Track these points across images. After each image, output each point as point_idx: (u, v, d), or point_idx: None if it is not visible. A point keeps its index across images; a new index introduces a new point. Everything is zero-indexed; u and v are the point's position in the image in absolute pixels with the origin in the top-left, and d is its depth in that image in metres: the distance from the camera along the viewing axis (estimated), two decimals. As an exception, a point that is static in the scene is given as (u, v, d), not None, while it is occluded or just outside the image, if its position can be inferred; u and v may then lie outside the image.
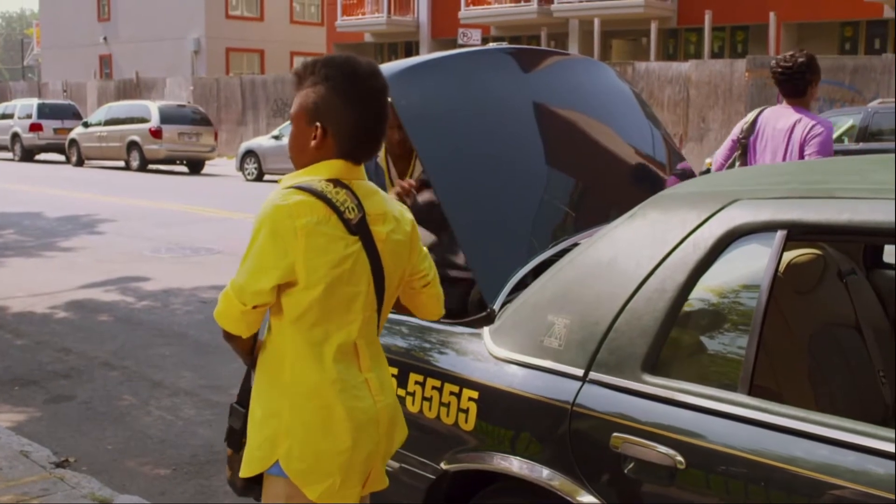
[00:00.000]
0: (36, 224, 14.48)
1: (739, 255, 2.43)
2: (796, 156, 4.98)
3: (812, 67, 5.10)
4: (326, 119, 2.29)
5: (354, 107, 2.29)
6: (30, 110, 30.45)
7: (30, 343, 7.28)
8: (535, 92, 3.73)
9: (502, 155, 3.40)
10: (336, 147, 2.32)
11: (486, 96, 3.52)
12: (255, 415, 2.36)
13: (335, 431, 2.29)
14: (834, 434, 2.07)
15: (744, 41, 28.00)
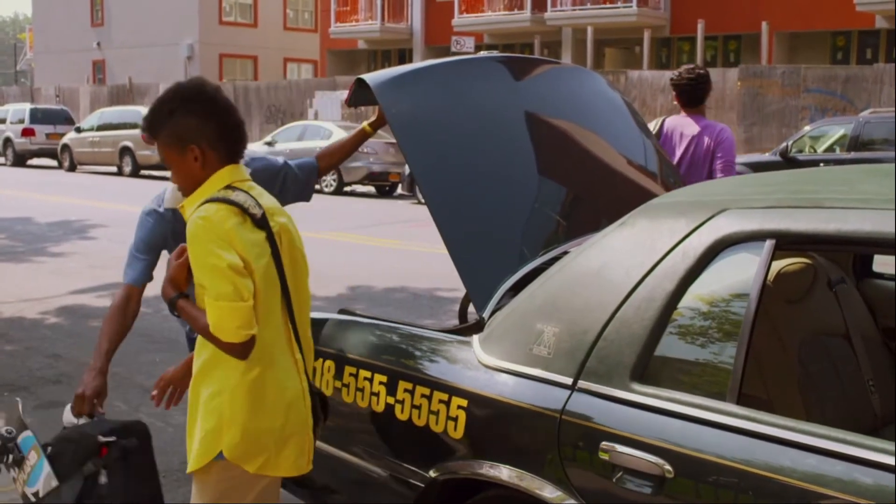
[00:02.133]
0: (27, 229, 14.44)
1: (728, 264, 2.43)
2: (709, 158, 5.52)
3: (709, 81, 5.77)
4: (196, 139, 2.57)
5: (211, 118, 2.59)
6: (22, 115, 30.39)
7: (20, 349, 7.25)
8: (525, 100, 3.73)
9: (492, 163, 3.41)
10: (217, 157, 2.60)
11: (477, 104, 3.53)
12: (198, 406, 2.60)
13: (269, 414, 2.56)
14: (823, 444, 2.07)
15: (736, 50, 28.11)
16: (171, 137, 2.59)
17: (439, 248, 3.24)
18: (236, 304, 2.42)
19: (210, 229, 2.46)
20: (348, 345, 3.21)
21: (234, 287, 2.42)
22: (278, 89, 29.99)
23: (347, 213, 16.97)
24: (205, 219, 2.47)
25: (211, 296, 2.44)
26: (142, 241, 3.50)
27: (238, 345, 2.45)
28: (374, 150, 20.55)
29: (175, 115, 2.58)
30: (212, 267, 2.44)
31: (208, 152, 2.59)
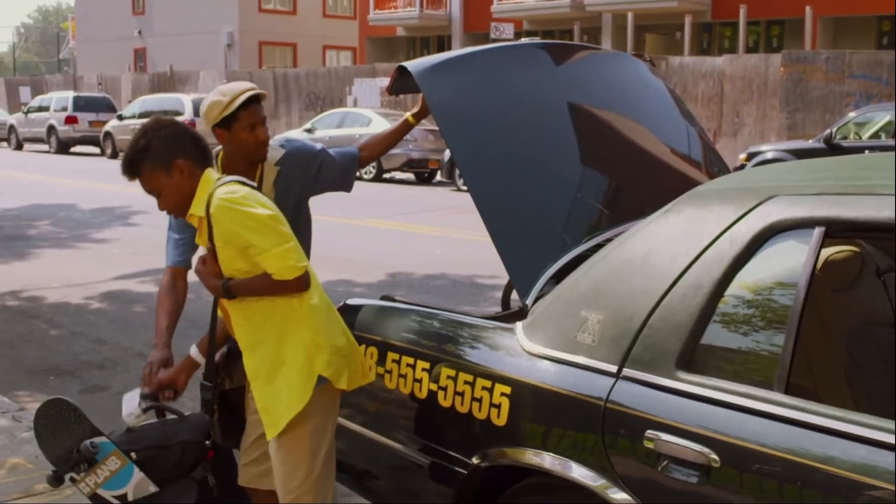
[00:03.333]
0: (71, 216, 14.63)
1: (776, 251, 2.40)
2: None
3: None
4: (176, 155, 2.90)
5: (177, 136, 2.96)
6: (65, 103, 30.75)
7: (65, 333, 7.36)
8: (567, 88, 3.70)
9: (534, 151, 3.39)
10: (195, 165, 2.93)
11: (519, 91, 3.50)
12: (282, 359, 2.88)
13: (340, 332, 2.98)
14: (873, 434, 2.04)
15: (779, 35, 27.75)
16: (155, 164, 2.90)
17: (478, 235, 3.24)
18: (286, 245, 2.79)
19: (234, 200, 2.81)
20: (391, 331, 3.22)
21: (277, 232, 2.80)
22: (317, 77, 30.07)
23: (387, 201, 17.00)
24: (228, 192, 2.84)
25: (263, 249, 2.78)
26: (174, 220, 3.57)
27: (301, 277, 2.82)
28: (414, 136, 20.55)
29: (151, 145, 2.91)
30: (254, 223, 2.79)
31: (189, 163, 2.92)
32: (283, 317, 2.88)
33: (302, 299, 2.87)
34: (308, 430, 2.88)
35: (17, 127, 32.82)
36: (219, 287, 2.91)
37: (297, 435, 2.88)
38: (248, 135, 3.41)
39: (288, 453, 2.89)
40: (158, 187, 2.94)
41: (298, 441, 2.88)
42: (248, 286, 2.87)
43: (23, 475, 4.29)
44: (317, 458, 2.91)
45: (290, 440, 2.88)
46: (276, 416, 2.88)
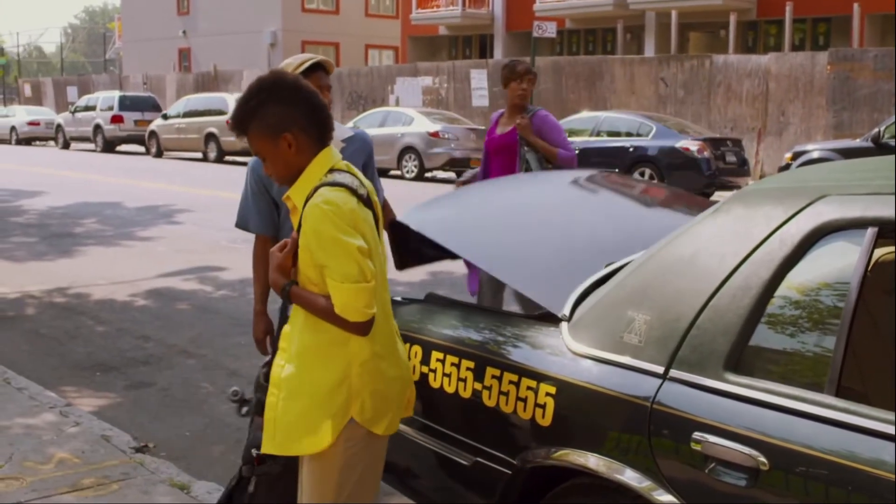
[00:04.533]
0: (116, 214, 14.81)
1: (827, 252, 2.36)
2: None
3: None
4: (287, 126, 2.62)
5: (297, 104, 2.64)
6: (111, 102, 31.15)
7: (111, 330, 7.44)
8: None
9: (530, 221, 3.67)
10: (309, 141, 2.66)
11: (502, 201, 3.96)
12: (318, 388, 2.61)
13: (392, 377, 2.69)
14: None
15: (826, 33, 27.39)
16: (262, 128, 2.63)
17: None
18: (361, 286, 2.52)
19: (337, 214, 2.53)
20: (435, 330, 3.21)
21: (360, 268, 2.52)
22: (360, 76, 30.18)
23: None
24: (329, 203, 2.53)
25: (336, 278, 2.52)
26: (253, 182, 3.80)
27: (363, 323, 2.55)
28: (456, 136, 20.58)
29: (262, 107, 2.62)
30: (339, 250, 2.52)
31: (300, 137, 2.63)
32: (345, 339, 2.61)
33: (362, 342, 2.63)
34: (338, 463, 2.66)
35: (64, 126, 33.30)
36: (279, 286, 2.66)
37: (327, 467, 2.67)
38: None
39: (316, 483, 2.70)
40: (264, 153, 2.68)
41: (327, 473, 2.67)
42: (309, 302, 2.60)
43: (69, 469, 4.34)
44: (343, 491, 2.69)
45: (320, 470, 2.68)
46: (285, 438, 2.66)
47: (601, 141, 18.09)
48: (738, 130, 21.02)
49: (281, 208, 3.75)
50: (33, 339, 7.18)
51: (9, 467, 4.34)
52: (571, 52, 32.31)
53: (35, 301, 8.52)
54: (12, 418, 5.00)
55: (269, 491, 3.05)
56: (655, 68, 23.12)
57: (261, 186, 3.78)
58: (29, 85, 48.26)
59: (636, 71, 23.51)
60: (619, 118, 18.57)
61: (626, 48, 30.14)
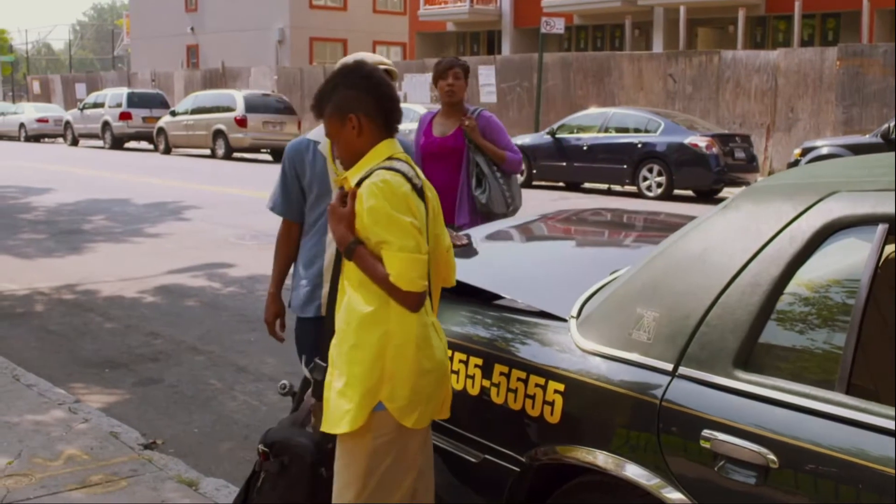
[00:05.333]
0: (125, 210, 14.83)
1: (837, 249, 2.35)
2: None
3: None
4: (354, 109, 2.76)
5: (368, 91, 2.79)
6: (120, 99, 31.20)
7: (120, 326, 7.46)
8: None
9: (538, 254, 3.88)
10: (374, 128, 2.79)
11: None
12: (355, 366, 2.66)
13: (426, 370, 2.70)
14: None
15: (835, 29, 27.30)
16: (333, 109, 2.79)
17: None
18: (417, 256, 2.62)
19: (391, 192, 2.64)
20: (444, 327, 3.20)
21: (416, 242, 2.62)
22: (367, 72, 30.10)
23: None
24: (385, 182, 2.65)
25: (394, 248, 2.60)
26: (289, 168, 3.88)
27: (415, 294, 2.62)
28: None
29: (337, 89, 2.80)
30: (395, 225, 2.61)
31: (365, 122, 2.77)
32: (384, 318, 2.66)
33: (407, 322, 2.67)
34: (367, 448, 2.69)
35: (72, 123, 33.37)
36: (347, 240, 2.68)
37: (355, 450, 2.70)
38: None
39: (344, 468, 2.74)
40: (332, 134, 2.83)
41: (355, 457, 2.71)
42: (367, 264, 2.64)
43: (78, 466, 4.35)
44: (371, 480, 2.71)
45: (349, 453, 2.72)
46: (329, 417, 2.73)
47: (609, 137, 18.07)
48: (747, 126, 20.97)
49: (308, 196, 3.83)
50: (42, 335, 7.20)
51: (18, 464, 4.35)
52: (579, 48, 32.26)
53: (44, 298, 8.53)
54: (21, 415, 5.01)
55: (272, 489, 3.05)
56: (664, 64, 23.07)
57: (293, 173, 3.87)
58: (38, 82, 48.38)
59: (644, 67, 23.46)
60: (627, 114, 18.54)
61: (634, 44, 30.07)
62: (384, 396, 2.66)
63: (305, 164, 3.83)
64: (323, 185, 3.80)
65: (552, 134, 18.97)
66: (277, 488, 3.04)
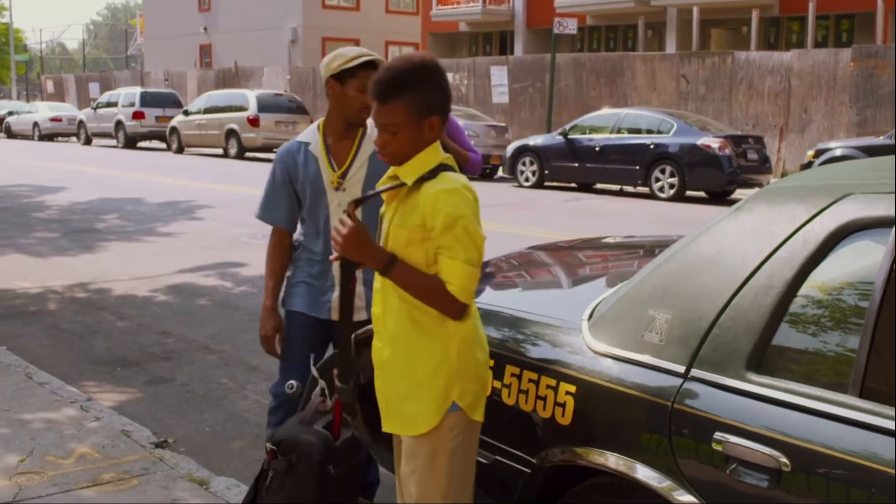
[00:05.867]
0: (137, 209, 14.87)
1: (851, 251, 2.33)
2: None
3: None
4: (438, 111, 2.62)
5: (447, 94, 2.67)
6: (133, 98, 31.31)
7: (132, 325, 7.47)
8: None
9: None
10: (439, 131, 2.66)
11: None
12: (420, 368, 2.62)
13: (483, 360, 2.69)
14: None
15: (849, 30, 27.19)
16: (415, 104, 2.58)
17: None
18: (476, 271, 2.56)
19: (474, 201, 2.58)
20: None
21: (480, 255, 2.57)
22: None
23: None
24: (470, 190, 2.58)
25: (461, 259, 2.52)
26: (279, 174, 3.80)
27: (466, 307, 2.58)
28: (475, 132, 20.54)
29: (423, 85, 2.60)
30: (472, 234, 2.54)
31: (438, 125, 2.65)
32: (442, 318, 2.59)
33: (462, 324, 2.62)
34: (447, 448, 2.63)
35: (86, 122, 33.51)
36: (384, 257, 2.56)
37: (437, 453, 2.64)
38: (357, 94, 3.63)
39: (426, 471, 2.65)
40: (400, 126, 2.59)
41: (438, 460, 2.64)
42: (417, 279, 2.55)
43: (90, 464, 4.36)
44: (454, 479, 2.66)
45: (431, 457, 2.64)
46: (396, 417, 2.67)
47: (622, 138, 18.04)
48: (760, 128, 20.91)
49: (304, 201, 3.75)
50: (55, 334, 7.22)
51: (30, 461, 4.37)
52: (592, 48, 32.21)
53: (57, 296, 8.56)
54: (34, 413, 5.02)
55: (280, 488, 3.05)
56: (677, 65, 23.02)
57: (285, 178, 3.78)
58: (51, 81, 48.60)
59: (657, 67, 23.42)
60: (639, 115, 18.51)
61: (647, 45, 30.02)
62: (456, 396, 2.61)
63: (298, 167, 3.73)
64: (316, 188, 3.71)
65: (564, 135, 18.96)
66: (286, 487, 3.03)
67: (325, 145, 3.76)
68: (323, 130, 3.77)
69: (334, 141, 3.76)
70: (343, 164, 3.73)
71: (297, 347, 3.79)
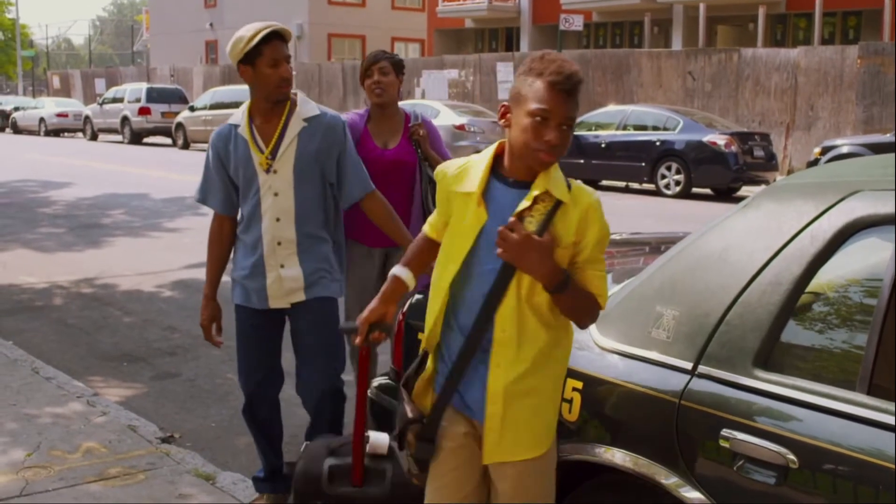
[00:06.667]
0: (143, 205, 14.89)
1: (859, 248, 2.33)
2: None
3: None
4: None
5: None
6: (139, 94, 31.34)
7: (138, 321, 7.49)
8: None
9: None
10: None
11: None
12: (553, 383, 2.53)
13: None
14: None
15: (856, 27, 27.12)
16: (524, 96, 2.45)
17: None
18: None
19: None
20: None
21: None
22: (385, 68, 30.12)
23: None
24: (597, 197, 2.49)
25: (602, 268, 2.46)
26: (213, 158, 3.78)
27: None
28: (481, 128, 20.53)
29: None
30: (605, 243, 2.48)
31: None
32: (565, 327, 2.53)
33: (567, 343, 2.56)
34: (554, 467, 2.59)
35: (92, 118, 33.55)
36: (560, 275, 2.38)
37: (550, 470, 2.57)
38: (271, 70, 3.54)
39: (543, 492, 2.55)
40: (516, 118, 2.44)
41: (550, 478, 2.57)
42: (578, 297, 2.42)
43: (97, 459, 4.37)
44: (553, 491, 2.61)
45: (547, 476, 2.56)
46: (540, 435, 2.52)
47: (628, 135, 18.02)
48: (767, 125, 20.87)
49: (239, 184, 3.70)
50: (61, 329, 7.24)
51: (37, 456, 4.38)
52: (598, 45, 32.18)
53: (63, 291, 8.58)
54: (41, 407, 5.04)
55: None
56: (683, 62, 22.99)
57: (219, 163, 3.74)
58: (57, 77, 48.67)
59: (663, 64, 23.38)
60: (645, 112, 18.49)
61: (653, 41, 29.98)
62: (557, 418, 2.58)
63: (229, 151, 3.69)
64: (248, 170, 3.66)
65: (570, 131, 18.93)
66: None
67: (251, 127, 3.67)
68: (249, 111, 3.70)
69: (262, 121, 3.67)
70: (269, 143, 3.64)
71: (249, 343, 3.83)
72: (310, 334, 3.77)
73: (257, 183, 3.64)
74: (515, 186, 2.43)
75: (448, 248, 2.52)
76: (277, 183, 3.64)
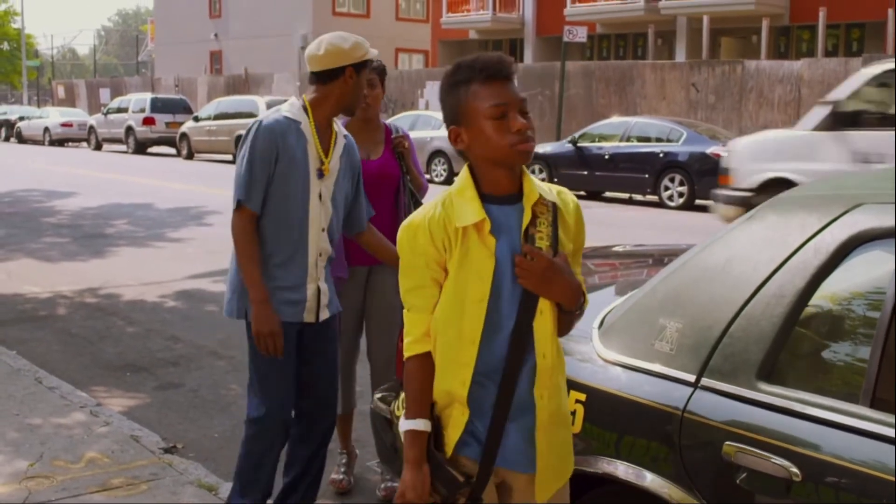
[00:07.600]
0: (147, 215, 14.91)
1: (862, 261, 2.33)
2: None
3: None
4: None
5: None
6: (143, 104, 31.40)
7: (141, 330, 7.49)
8: None
9: None
10: None
11: None
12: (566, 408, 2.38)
13: None
14: (964, 452, 1.97)
15: (859, 39, 27.12)
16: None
17: None
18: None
19: None
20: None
21: None
22: (390, 79, 30.05)
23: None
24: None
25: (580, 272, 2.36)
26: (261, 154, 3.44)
27: None
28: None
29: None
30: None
31: None
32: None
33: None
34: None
35: (96, 127, 33.62)
36: (580, 293, 2.30)
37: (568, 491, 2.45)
38: (368, 87, 3.75)
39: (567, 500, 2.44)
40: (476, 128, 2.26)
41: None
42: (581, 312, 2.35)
43: (99, 469, 4.37)
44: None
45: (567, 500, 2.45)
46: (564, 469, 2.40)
47: (631, 146, 18.03)
48: (770, 136, 20.84)
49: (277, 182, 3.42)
50: (65, 338, 7.24)
51: (39, 466, 4.38)
52: (602, 56, 32.22)
53: (67, 301, 8.59)
54: (44, 417, 5.04)
55: None
56: (686, 73, 23.01)
57: (272, 156, 3.40)
58: (62, 87, 48.80)
59: (667, 76, 23.40)
60: (649, 123, 18.49)
61: (657, 53, 30.00)
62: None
63: (288, 142, 3.40)
64: (302, 169, 3.42)
65: (574, 142, 18.96)
66: None
67: (316, 128, 3.49)
68: (312, 113, 3.49)
69: (324, 125, 3.51)
70: (327, 151, 3.52)
71: (289, 363, 3.57)
72: (320, 354, 3.68)
73: (308, 186, 3.44)
74: (502, 203, 2.25)
75: (459, 292, 2.24)
76: (325, 191, 3.50)
